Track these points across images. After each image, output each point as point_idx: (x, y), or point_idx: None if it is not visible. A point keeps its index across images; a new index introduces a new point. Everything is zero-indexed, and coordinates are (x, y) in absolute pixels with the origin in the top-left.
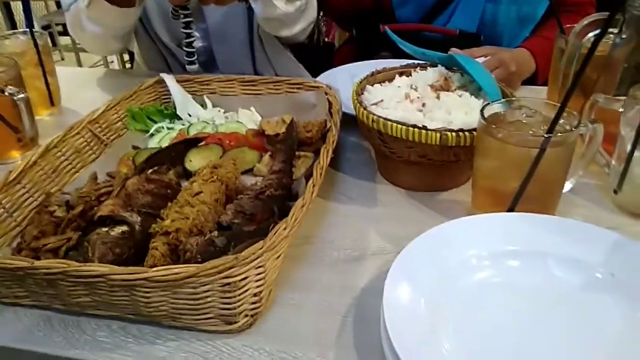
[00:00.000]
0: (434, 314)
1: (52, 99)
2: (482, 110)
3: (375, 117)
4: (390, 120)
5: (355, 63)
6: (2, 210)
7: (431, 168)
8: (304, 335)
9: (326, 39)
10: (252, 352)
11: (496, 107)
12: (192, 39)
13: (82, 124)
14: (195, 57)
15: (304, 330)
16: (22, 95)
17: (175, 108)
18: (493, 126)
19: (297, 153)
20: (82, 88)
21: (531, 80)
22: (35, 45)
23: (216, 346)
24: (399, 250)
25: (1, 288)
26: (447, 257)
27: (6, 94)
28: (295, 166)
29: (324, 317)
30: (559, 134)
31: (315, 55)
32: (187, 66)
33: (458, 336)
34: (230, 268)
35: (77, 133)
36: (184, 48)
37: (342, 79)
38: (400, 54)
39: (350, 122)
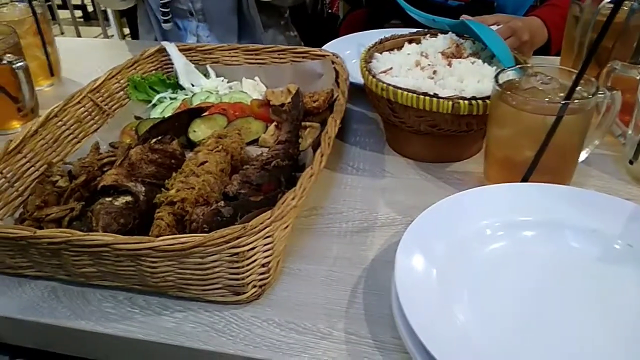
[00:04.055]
0: (447, 285)
1: (52, 69)
2: (496, 77)
3: (384, 85)
4: (400, 88)
5: (362, 32)
6: (4, 180)
7: (442, 138)
8: (313, 306)
9: (330, 10)
10: (261, 323)
11: (511, 74)
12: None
13: (83, 93)
14: (170, 16)
15: (313, 301)
16: (21, 64)
17: (177, 77)
18: (508, 93)
19: (303, 123)
20: (82, 58)
21: (544, 50)
22: (34, 13)
23: (224, 317)
24: (408, 221)
25: (5, 258)
26: (460, 227)
27: (5, 62)
28: (302, 137)
29: (334, 288)
30: (577, 101)
31: (319, 26)
32: (162, 24)
33: (472, 307)
34: (238, 238)
35: (78, 102)
36: (160, 8)
37: (349, 48)
38: (412, 22)
39: (356, 93)
